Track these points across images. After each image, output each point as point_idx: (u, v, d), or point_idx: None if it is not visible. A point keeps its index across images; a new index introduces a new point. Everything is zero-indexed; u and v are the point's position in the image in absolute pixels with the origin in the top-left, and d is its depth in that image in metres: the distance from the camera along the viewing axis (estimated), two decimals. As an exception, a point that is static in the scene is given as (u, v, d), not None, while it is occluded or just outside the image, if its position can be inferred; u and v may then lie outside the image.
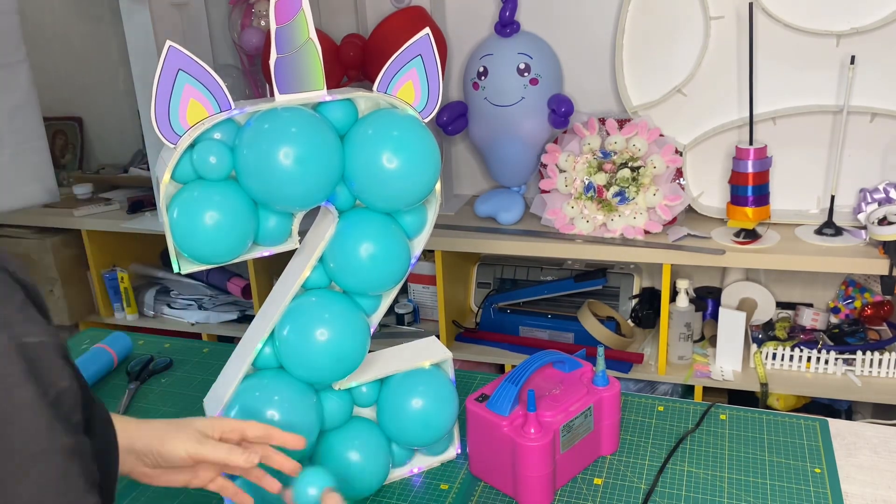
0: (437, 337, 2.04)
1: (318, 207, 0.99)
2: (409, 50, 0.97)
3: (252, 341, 0.98)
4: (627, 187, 1.79)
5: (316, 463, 1.02)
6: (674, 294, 1.85)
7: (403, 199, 0.95)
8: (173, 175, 0.87)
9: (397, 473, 1.07)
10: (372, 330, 1.02)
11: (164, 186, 0.87)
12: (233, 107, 0.88)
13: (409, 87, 0.98)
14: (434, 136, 0.99)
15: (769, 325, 1.92)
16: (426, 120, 1.00)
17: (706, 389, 1.85)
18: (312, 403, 0.97)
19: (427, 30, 0.98)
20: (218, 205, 0.87)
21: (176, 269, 0.90)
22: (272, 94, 0.91)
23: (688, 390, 1.93)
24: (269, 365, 0.98)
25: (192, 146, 0.87)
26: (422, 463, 1.08)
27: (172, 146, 0.86)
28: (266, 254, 0.95)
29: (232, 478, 0.86)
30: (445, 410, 1.04)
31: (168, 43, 0.82)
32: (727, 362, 1.83)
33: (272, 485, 0.82)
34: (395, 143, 0.91)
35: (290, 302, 0.96)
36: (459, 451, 1.11)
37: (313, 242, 0.98)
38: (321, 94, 0.92)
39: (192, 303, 2.32)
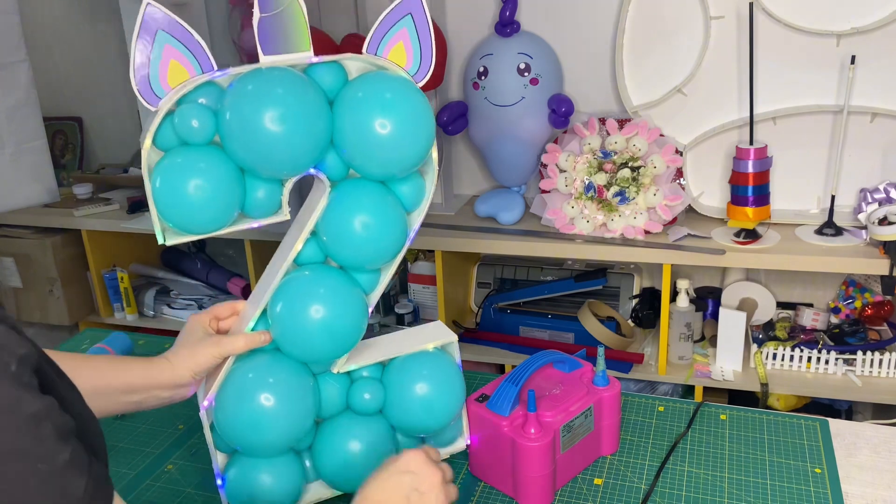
0: (437, 337, 2.05)
1: (313, 181, 0.96)
2: (398, 8, 0.91)
3: (244, 321, 0.95)
4: (628, 187, 1.79)
5: (315, 453, 0.99)
6: (674, 294, 1.85)
7: (397, 164, 0.91)
8: (155, 141, 0.84)
9: None
10: (371, 308, 0.98)
11: (146, 153, 0.83)
12: (215, 68, 0.84)
13: (399, 48, 0.92)
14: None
15: (769, 325, 1.92)
16: (420, 84, 0.94)
17: (706, 389, 1.85)
18: (309, 386, 0.94)
19: None
20: (202, 172, 0.83)
21: (161, 241, 0.87)
22: None
23: (688, 390, 1.93)
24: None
25: (173, 110, 0.83)
26: None
27: (154, 109, 0.83)
28: (255, 225, 0.92)
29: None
30: (451, 395, 1.00)
31: (145, 2, 0.79)
32: (727, 362, 1.83)
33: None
34: (387, 106, 0.87)
35: (282, 277, 0.93)
36: (469, 442, 1.07)
37: (306, 214, 0.95)
38: (307, 55, 0.88)
39: (192, 303, 2.32)
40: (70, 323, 2.35)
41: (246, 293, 2.25)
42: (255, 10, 0.85)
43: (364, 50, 0.91)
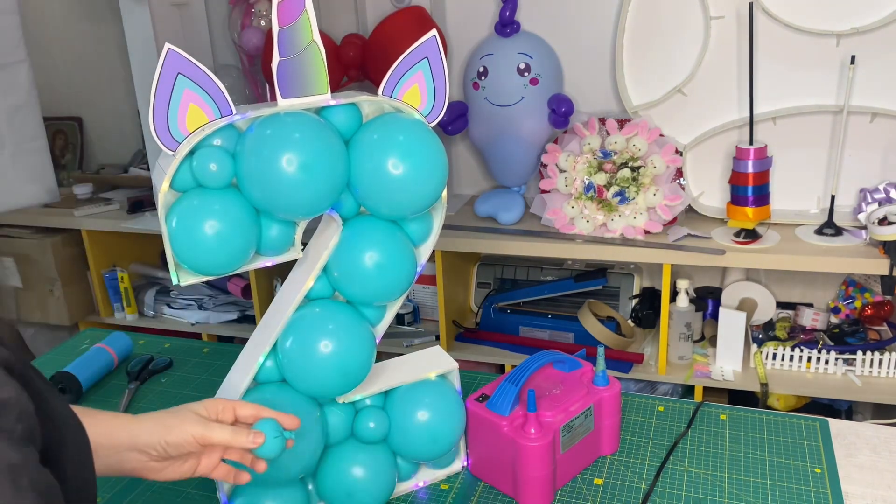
0: (437, 337, 2.05)
1: (320, 216, 0.96)
2: (415, 52, 0.94)
3: (254, 354, 0.95)
4: (627, 187, 1.79)
5: (320, 480, 0.99)
6: (674, 294, 1.85)
7: (410, 206, 0.92)
8: (172, 183, 0.84)
9: (402, 488, 1.05)
10: (377, 340, 0.99)
11: (163, 195, 0.84)
12: (234, 112, 0.85)
13: (414, 90, 0.95)
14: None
15: (769, 325, 1.92)
16: (432, 124, 0.96)
17: (706, 389, 1.85)
18: (316, 418, 0.94)
19: (434, 32, 0.94)
20: (219, 214, 0.83)
21: (175, 282, 0.87)
22: (272, 95, 0.89)
23: (688, 390, 1.93)
24: (271, 379, 0.95)
25: (191, 153, 0.83)
26: (427, 476, 1.06)
27: (171, 153, 0.83)
28: (268, 264, 0.93)
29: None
30: (452, 423, 1.01)
31: (167, 46, 0.79)
32: (727, 362, 1.83)
33: (261, 466, 0.83)
34: (402, 149, 0.88)
35: (292, 313, 0.93)
36: (465, 462, 1.08)
37: (317, 251, 0.95)
38: (325, 98, 0.89)
39: (192, 303, 2.32)
40: (70, 323, 2.35)
41: (246, 293, 2.25)
42: (275, 53, 0.85)
43: (380, 91, 0.93)
